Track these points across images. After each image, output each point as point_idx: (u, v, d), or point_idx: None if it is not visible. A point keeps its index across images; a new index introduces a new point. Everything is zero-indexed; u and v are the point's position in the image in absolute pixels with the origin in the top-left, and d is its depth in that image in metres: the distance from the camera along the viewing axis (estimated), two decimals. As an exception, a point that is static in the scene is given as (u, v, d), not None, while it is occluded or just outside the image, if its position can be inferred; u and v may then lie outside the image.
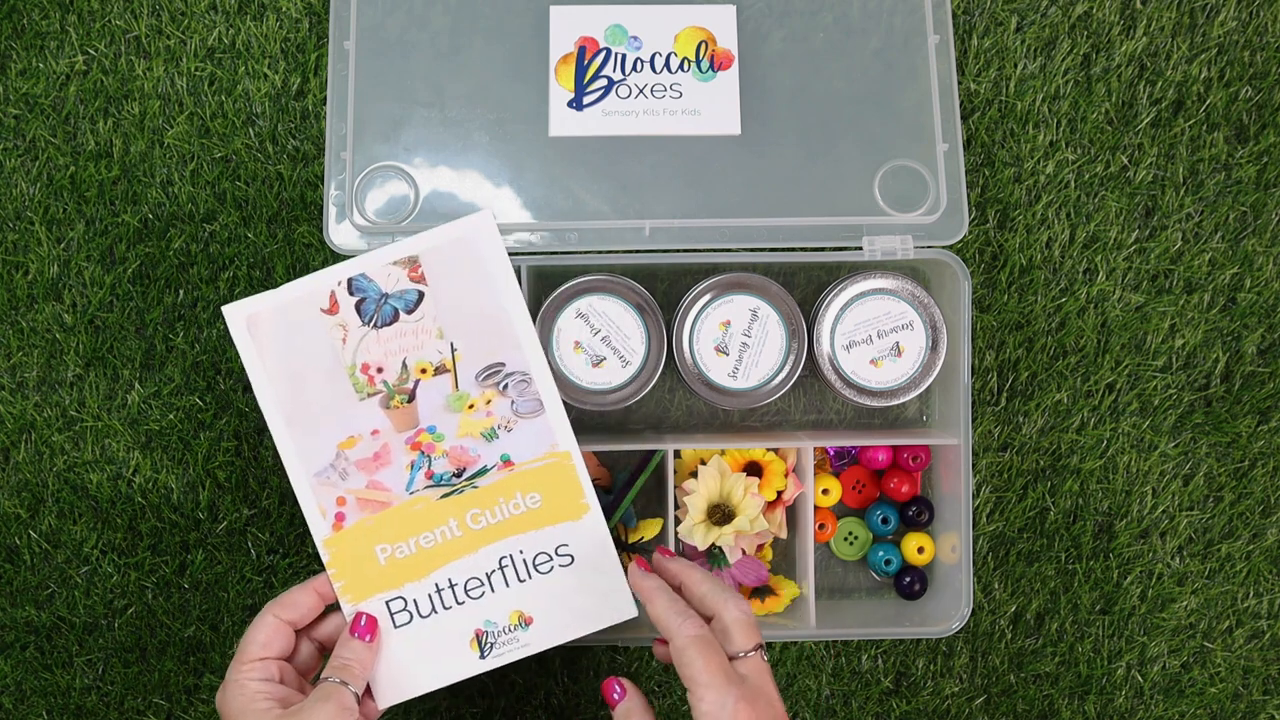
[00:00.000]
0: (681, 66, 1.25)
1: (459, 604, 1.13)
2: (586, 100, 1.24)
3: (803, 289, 1.28)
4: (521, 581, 1.13)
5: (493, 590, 1.13)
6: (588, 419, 1.29)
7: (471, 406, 1.12)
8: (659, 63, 1.25)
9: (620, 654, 1.30)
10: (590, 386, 1.20)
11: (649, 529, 1.25)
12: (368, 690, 1.09)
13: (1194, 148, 1.31)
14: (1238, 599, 1.32)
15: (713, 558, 1.24)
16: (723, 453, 1.23)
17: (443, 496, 1.13)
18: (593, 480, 1.25)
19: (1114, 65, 1.31)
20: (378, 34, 1.24)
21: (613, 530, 1.24)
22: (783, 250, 1.24)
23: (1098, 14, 1.31)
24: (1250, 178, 1.30)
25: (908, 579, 1.28)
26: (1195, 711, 1.32)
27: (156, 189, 1.28)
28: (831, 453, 1.29)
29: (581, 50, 1.25)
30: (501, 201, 1.23)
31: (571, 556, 1.14)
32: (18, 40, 1.29)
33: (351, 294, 1.11)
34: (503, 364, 1.12)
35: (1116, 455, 1.31)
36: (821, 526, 1.28)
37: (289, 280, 1.26)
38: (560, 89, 1.24)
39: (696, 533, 1.21)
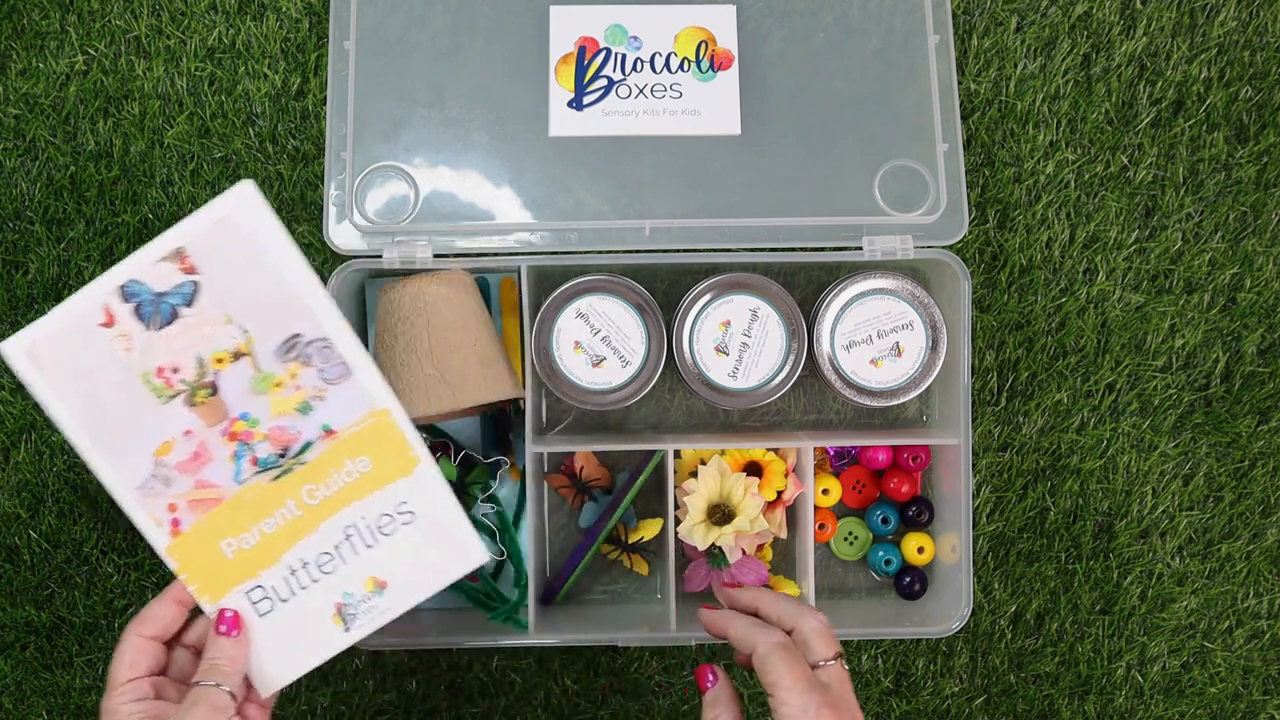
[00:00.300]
0: (681, 66, 1.25)
1: (315, 582, 1.10)
2: (586, 100, 1.24)
3: (803, 289, 1.28)
4: (369, 547, 1.10)
5: (344, 562, 1.10)
6: (588, 419, 1.29)
7: (279, 384, 1.08)
8: (659, 63, 1.25)
9: (619, 654, 1.30)
10: (590, 386, 1.20)
11: (649, 529, 1.25)
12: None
13: (1194, 148, 1.31)
14: (1238, 599, 1.32)
15: (713, 558, 1.24)
16: (723, 453, 1.23)
17: (274, 479, 1.09)
18: (593, 480, 1.26)
19: (1114, 65, 1.31)
20: (378, 34, 1.24)
21: (613, 530, 1.24)
22: (783, 250, 1.24)
23: (1098, 14, 1.31)
24: (1250, 178, 1.30)
25: (908, 579, 1.28)
26: (1195, 711, 1.32)
27: (156, 189, 1.28)
28: (831, 453, 1.29)
29: (581, 50, 1.25)
30: (501, 201, 1.23)
31: (413, 513, 1.10)
32: (18, 40, 1.29)
33: (126, 301, 1.05)
34: (299, 334, 1.07)
35: (1116, 455, 1.31)
36: (821, 526, 1.28)
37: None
38: (560, 89, 1.24)
39: (696, 533, 1.21)
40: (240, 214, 1.05)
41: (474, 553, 1.11)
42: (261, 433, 1.08)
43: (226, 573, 1.09)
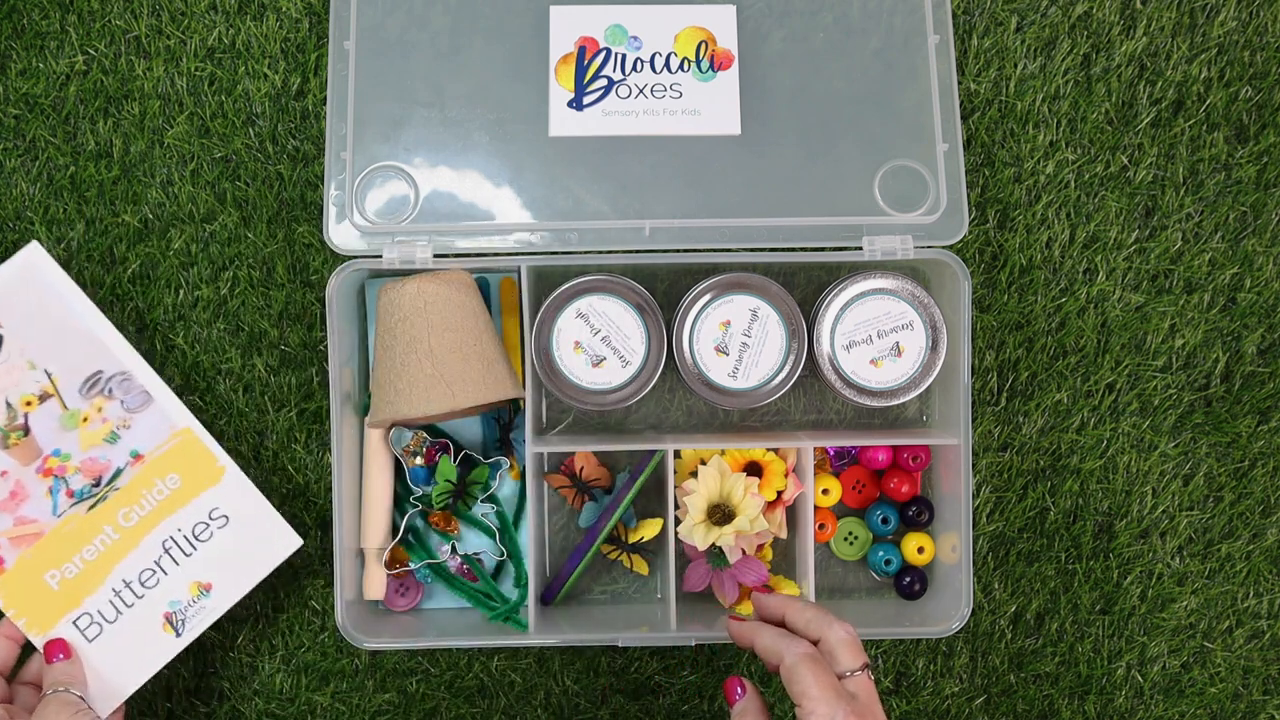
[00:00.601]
0: (682, 66, 1.25)
1: (139, 598, 1.18)
2: (587, 100, 1.24)
3: (803, 289, 1.28)
4: (188, 555, 1.19)
5: (166, 573, 1.19)
6: (588, 419, 1.29)
7: (86, 419, 1.18)
8: (659, 63, 1.25)
9: (620, 654, 1.30)
10: (590, 386, 1.20)
11: (649, 529, 1.25)
12: None
13: (1194, 148, 1.31)
14: (1238, 599, 1.32)
15: (713, 558, 1.24)
16: (723, 453, 1.23)
17: (90, 509, 1.18)
18: (593, 480, 1.26)
19: (1114, 65, 1.31)
20: (378, 34, 1.24)
21: (613, 530, 1.24)
22: (783, 250, 1.24)
23: (1098, 14, 1.31)
24: (1250, 178, 1.30)
25: (907, 579, 1.28)
26: (1195, 711, 1.32)
27: (156, 189, 1.28)
28: (831, 453, 1.29)
29: (582, 50, 1.25)
30: (501, 201, 1.23)
31: (226, 517, 1.20)
32: (18, 40, 1.29)
33: None
34: (100, 371, 1.19)
35: (1116, 455, 1.31)
36: (821, 526, 1.28)
37: (290, 280, 1.27)
38: (560, 89, 1.24)
39: (696, 533, 1.21)
40: (32, 271, 1.18)
41: (287, 539, 1.21)
42: (74, 466, 1.18)
43: (53, 604, 1.17)
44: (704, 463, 1.23)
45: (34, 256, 1.19)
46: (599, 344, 1.20)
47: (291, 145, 1.29)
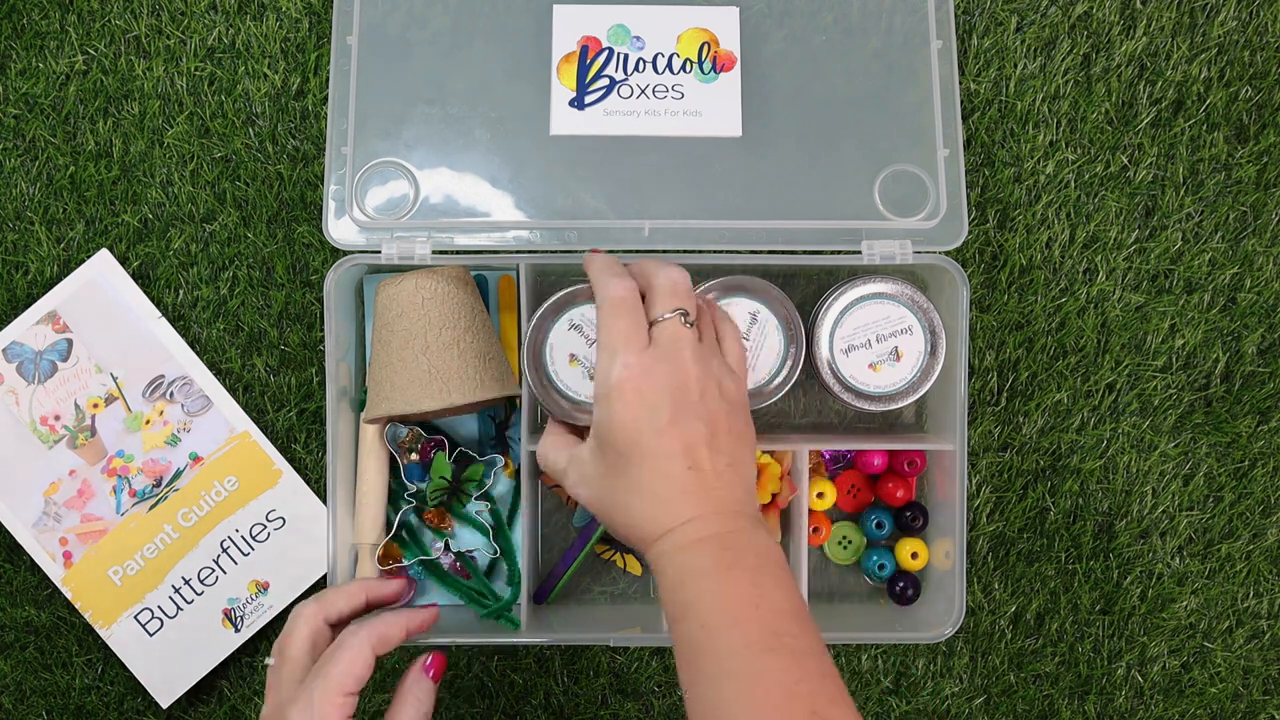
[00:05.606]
0: (684, 68, 1.25)
1: (199, 595, 1.25)
2: (588, 99, 1.24)
3: (801, 291, 1.28)
4: (246, 555, 1.25)
5: (224, 572, 1.25)
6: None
7: (148, 422, 1.25)
8: (661, 63, 1.25)
9: (620, 654, 1.30)
10: (589, 401, 1.17)
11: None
12: None
13: (1194, 148, 1.30)
14: (1238, 599, 1.31)
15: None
16: (718, 454, 1.23)
17: (151, 508, 1.24)
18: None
19: (1114, 65, 1.31)
20: (380, 30, 1.24)
21: (604, 530, 1.25)
22: (782, 253, 1.24)
23: (1098, 14, 1.30)
24: (1250, 178, 1.30)
25: (900, 584, 1.28)
26: (1195, 711, 1.32)
27: (156, 189, 1.29)
28: (827, 456, 1.29)
29: (584, 50, 1.25)
30: (501, 199, 1.23)
31: (283, 518, 1.26)
32: (18, 40, 1.29)
33: (9, 361, 1.25)
34: (162, 375, 1.25)
35: (1116, 455, 1.31)
36: (816, 530, 1.27)
37: (289, 280, 1.27)
38: (562, 88, 1.24)
39: (692, 534, 1.20)
40: (101, 278, 1.27)
41: None
42: (137, 466, 1.25)
43: (117, 598, 1.25)
44: (700, 464, 1.22)
45: (102, 264, 1.26)
46: (595, 354, 1.17)
47: (291, 145, 1.29)
